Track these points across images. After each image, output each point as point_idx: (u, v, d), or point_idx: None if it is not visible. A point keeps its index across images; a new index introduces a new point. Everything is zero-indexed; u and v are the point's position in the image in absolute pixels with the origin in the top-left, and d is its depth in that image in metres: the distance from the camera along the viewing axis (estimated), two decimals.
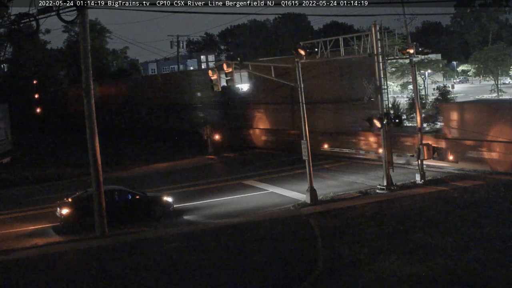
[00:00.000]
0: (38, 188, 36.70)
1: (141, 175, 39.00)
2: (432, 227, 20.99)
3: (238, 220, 24.83)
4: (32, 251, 22.28)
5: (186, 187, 33.20)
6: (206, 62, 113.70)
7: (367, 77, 33.61)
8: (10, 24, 27.19)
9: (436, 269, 16.83)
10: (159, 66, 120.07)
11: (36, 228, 26.28)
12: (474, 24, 73.60)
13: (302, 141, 27.39)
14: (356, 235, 20.87)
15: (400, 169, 31.79)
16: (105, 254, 21.55)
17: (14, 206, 31.32)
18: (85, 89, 23.91)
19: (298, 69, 27.39)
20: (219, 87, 28.59)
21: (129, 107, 68.32)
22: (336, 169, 35.39)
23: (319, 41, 30.63)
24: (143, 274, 18.71)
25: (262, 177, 34.35)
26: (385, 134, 28.41)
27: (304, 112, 27.32)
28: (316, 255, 19.38)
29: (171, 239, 22.55)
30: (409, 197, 26.20)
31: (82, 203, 25.58)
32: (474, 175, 29.77)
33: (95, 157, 24.01)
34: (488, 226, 20.46)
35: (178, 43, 77.76)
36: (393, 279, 16.36)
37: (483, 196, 24.99)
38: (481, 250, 17.99)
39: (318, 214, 24.67)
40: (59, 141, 64.48)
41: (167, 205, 26.92)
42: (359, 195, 27.80)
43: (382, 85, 28.44)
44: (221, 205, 28.50)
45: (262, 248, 20.52)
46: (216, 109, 52.31)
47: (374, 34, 28.03)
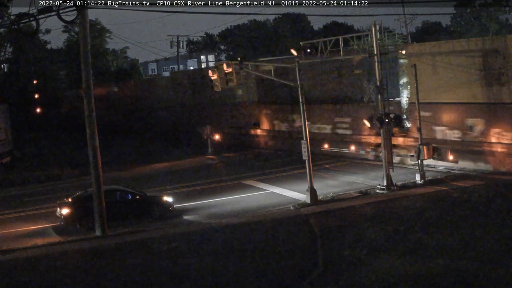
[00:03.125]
0: (38, 188, 36.71)
1: (141, 175, 39.00)
2: (432, 227, 21.00)
3: (238, 220, 24.84)
4: (32, 251, 22.28)
5: (186, 187, 33.21)
6: (206, 62, 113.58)
7: (367, 77, 33.66)
8: (10, 24, 27.22)
9: (436, 269, 16.84)
10: (159, 66, 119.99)
11: (36, 228, 26.29)
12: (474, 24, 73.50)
13: (302, 141, 27.39)
14: (356, 235, 20.87)
15: (400, 169, 31.81)
16: (105, 254, 21.55)
17: (14, 206, 31.33)
18: (85, 89, 23.92)
19: (297, 69, 27.38)
20: (219, 87, 28.59)
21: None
22: (336, 169, 35.40)
23: (319, 41, 30.68)
24: (143, 274, 18.71)
25: (262, 177, 34.36)
26: (385, 134, 28.42)
27: (304, 112, 27.31)
28: (316, 255, 19.40)
29: (171, 239, 22.55)
30: (409, 197, 26.21)
31: (82, 203, 25.59)
32: (474, 175, 29.79)
33: (95, 157, 24.01)
34: (488, 226, 20.47)
35: (178, 43, 77.71)
36: (393, 279, 16.36)
37: (483, 196, 24.99)
38: (481, 250, 18.00)
39: (318, 214, 24.67)
40: (59, 141, 64.46)
41: (167, 205, 26.93)
42: (359, 195, 27.80)
43: (382, 85, 28.45)
44: (221, 205, 28.50)
45: (262, 248, 20.52)
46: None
47: (374, 34, 28.04)
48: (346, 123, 38.83)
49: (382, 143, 28.62)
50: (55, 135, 71.81)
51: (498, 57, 29.48)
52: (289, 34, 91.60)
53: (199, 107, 54.63)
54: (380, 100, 28.29)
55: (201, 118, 52.71)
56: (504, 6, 63.39)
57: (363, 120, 32.89)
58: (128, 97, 69.53)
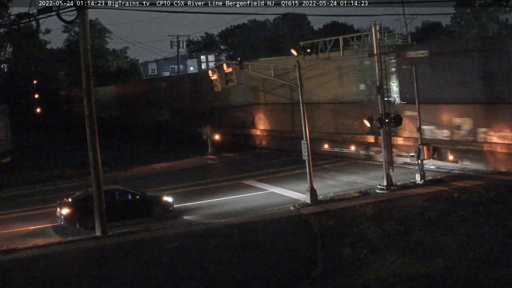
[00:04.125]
0: (38, 188, 36.70)
1: (141, 175, 39.00)
2: (432, 227, 20.99)
3: (238, 220, 24.84)
4: (32, 251, 22.28)
5: (186, 187, 33.20)
6: (206, 62, 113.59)
7: (367, 77, 33.67)
8: (10, 24, 27.20)
9: (436, 269, 16.84)
10: (159, 66, 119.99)
11: (36, 228, 26.29)
12: (474, 24, 73.48)
13: (302, 141, 27.39)
14: (356, 235, 20.87)
15: (400, 169, 31.81)
16: (105, 254, 21.56)
17: (14, 206, 31.32)
18: (85, 89, 23.92)
19: (298, 69, 27.37)
20: (219, 87, 28.59)
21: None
22: (336, 169, 35.39)
23: (319, 41, 30.67)
24: (143, 274, 18.71)
25: (262, 177, 34.35)
26: (385, 134, 28.41)
27: (304, 112, 27.31)
28: (316, 255, 19.40)
29: (171, 239, 22.56)
30: (409, 197, 26.21)
31: (82, 203, 25.59)
32: (474, 175, 29.79)
33: (95, 157, 24.01)
34: (488, 226, 20.47)
35: (178, 43, 77.82)
36: (393, 279, 16.36)
37: (483, 196, 24.99)
38: (481, 250, 18.00)
39: (318, 214, 24.66)
40: (59, 141, 64.48)
41: (167, 205, 26.92)
42: (359, 195, 27.79)
43: (383, 85, 28.44)
44: (221, 205, 28.50)
45: (262, 248, 20.53)
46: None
47: (374, 34, 28.03)
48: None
49: (382, 143, 28.61)
50: (55, 135, 71.87)
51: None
52: (289, 34, 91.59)
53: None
54: (380, 100, 28.27)
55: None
56: (504, 6, 63.39)
57: (363, 120, 32.83)
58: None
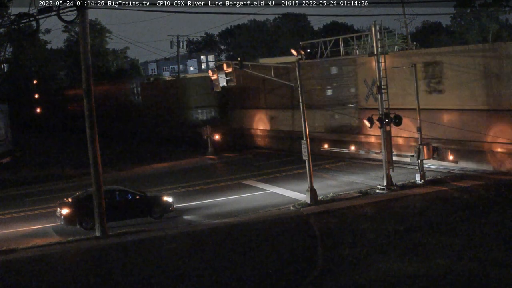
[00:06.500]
0: (38, 188, 36.70)
1: (141, 175, 38.99)
2: (432, 227, 20.99)
3: (238, 220, 24.84)
4: (32, 251, 22.28)
5: (186, 187, 33.20)
6: (206, 62, 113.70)
7: (367, 77, 33.68)
8: (10, 24, 27.24)
9: (436, 269, 16.84)
10: (159, 66, 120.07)
11: (36, 228, 26.30)
12: (474, 24, 73.58)
13: (302, 141, 27.38)
14: (356, 235, 20.87)
15: (400, 169, 31.79)
16: (105, 254, 21.57)
17: (14, 206, 31.33)
18: (85, 89, 23.91)
19: (298, 69, 27.36)
20: (219, 87, 28.58)
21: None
22: (336, 169, 35.37)
23: (319, 41, 30.63)
24: (143, 274, 18.71)
25: (262, 177, 34.34)
26: (385, 134, 28.40)
27: (304, 112, 27.30)
28: (316, 255, 19.40)
29: (171, 239, 22.57)
30: (409, 197, 26.20)
31: (82, 203, 25.59)
32: (474, 175, 29.78)
33: (95, 157, 24.01)
34: (488, 226, 20.47)
35: (178, 43, 77.73)
36: (393, 279, 16.37)
37: (483, 196, 24.99)
38: (481, 250, 18.00)
39: (318, 214, 24.66)
40: (59, 141, 64.49)
41: (167, 205, 26.91)
42: (359, 195, 27.77)
43: (383, 85, 28.42)
44: (221, 205, 28.50)
45: (262, 248, 20.54)
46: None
47: (374, 34, 28.01)
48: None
49: (382, 143, 28.58)
50: (55, 135, 71.87)
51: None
52: (289, 34, 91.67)
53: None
54: (380, 100, 28.26)
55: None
56: (504, 6, 63.46)
57: (363, 120, 32.84)
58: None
